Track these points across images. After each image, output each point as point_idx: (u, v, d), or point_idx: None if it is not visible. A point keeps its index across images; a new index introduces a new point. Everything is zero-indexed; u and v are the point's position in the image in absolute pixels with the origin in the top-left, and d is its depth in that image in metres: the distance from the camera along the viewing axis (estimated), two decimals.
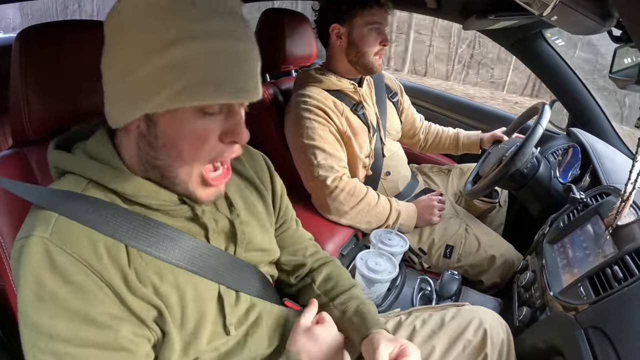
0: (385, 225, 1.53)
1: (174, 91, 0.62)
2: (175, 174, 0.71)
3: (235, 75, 0.65)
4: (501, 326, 1.00)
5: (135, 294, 0.68)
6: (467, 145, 1.97)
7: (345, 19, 1.50)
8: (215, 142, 0.69)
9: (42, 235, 0.64)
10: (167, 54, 0.61)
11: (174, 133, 0.67)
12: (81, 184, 0.72)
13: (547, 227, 1.34)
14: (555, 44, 1.82)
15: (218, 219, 0.84)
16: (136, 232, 0.71)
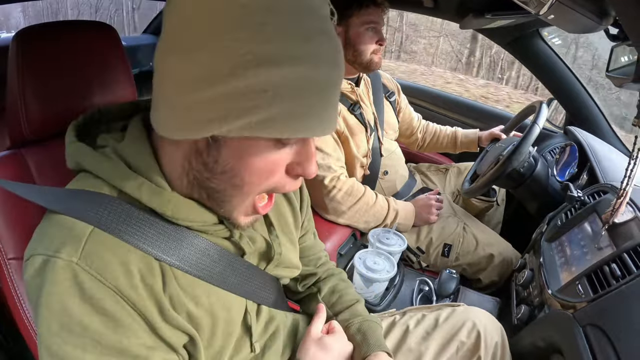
0: (384, 225, 1.53)
1: (257, 119, 0.52)
2: (228, 200, 0.63)
3: (324, 107, 0.56)
4: (495, 328, 0.99)
5: (169, 322, 0.63)
6: (465, 144, 1.97)
7: (341, 18, 1.50)
8: (281, 175, 0.61)
9: (70, 259, 0.55)
10: (261, 74, 0.51)
11: (240, 161, 0.58)
12: (102, 188, 0.62)
13: (545, 225, 1.34)
14: (552, 43, 1.82)
15: (255, 238, 0.78)
16: (171, 245, 0.64)
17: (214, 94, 0.52)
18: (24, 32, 0.86)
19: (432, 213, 1.60)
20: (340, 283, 1.04)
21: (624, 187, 1.00)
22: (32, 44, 0.88)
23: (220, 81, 0.51)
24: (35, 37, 0.89)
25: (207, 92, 0.52)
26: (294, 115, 0.53)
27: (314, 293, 1.03)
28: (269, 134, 0.54)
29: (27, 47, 0.87)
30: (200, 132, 0.55)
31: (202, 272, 0.68)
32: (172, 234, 0.64)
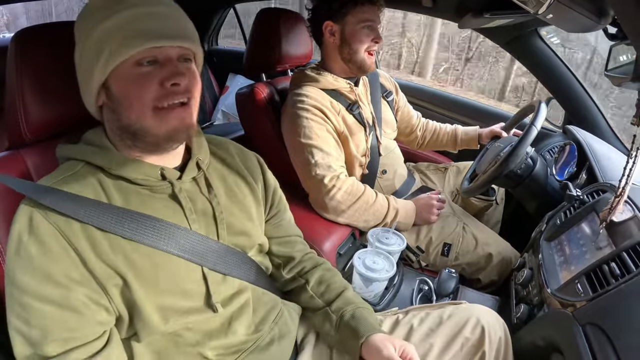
0: (384, 224, 1.53)
1: (108, 53, 0.76)
2: (138, 124, 0.81)
3: (156, 28, 0.77)
4: (498, 324, 1.00)
5: (101, 258, 0.77)
6: (465, 141, 1.97)
7: (338, 16, 1.51)
8: (156, 87, 0.79)
9: (30, 204, 0.76)
10: (99, 29, 0.76)
11: (122, 88, 0.79)
12: (77, 166, 0.84)
13: (544, 224, 1.34)
14: (550, 42, 1.82)
15: (197, 199, 0.91)
16: (114, 221, 0.79)
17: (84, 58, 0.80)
18: (22, 33, 0.87)
19: (433, 213, 1.60)
20: (326, 273, 1.10)
21: (622, 185, 1.00)
22: (31, 45, 0.88)
23: (83, 49, 0.79)
24: (34, 38, 0.89)
25: (82, 61, 0.81)
26: (128, 38, 0.76)
27: (303, 285, 1.07)
28: (123, 56, 0.76)
29: (26, 48, 0.87)
30: (91, 86, 0.80)
31: (139, 237, 0.80)
32: (116, 211, 0.80)
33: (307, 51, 1.85)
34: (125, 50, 0.76)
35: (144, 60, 0.78)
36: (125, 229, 0.79)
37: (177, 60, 0.81)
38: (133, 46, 0.76)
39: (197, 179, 0.93)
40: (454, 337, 0.98)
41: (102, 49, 0.77)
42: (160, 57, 0.79)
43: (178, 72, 0.80)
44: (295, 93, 1.54)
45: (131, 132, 0.82)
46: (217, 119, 3.22)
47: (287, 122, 1.55)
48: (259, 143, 1.69)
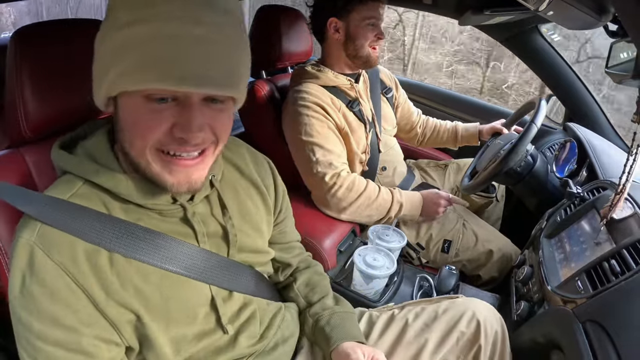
0: (387, 218, 1.53)
1: (114, 74, 0.63)
2: (137, 161, 0.71)
3: (176, 58, 0.61)
4: (495, 318, 1.00)
5: (112, 297, 0.71)
6: (466, 138, 1.97)
7: (342, 13, 1.51)
8: (163, 133, 0.66)
9: (28, 238, 0.68)
10: (120, 33, 0.62)
11: (126, 116, 0.68)
12: (76, 184, 0.74)
13: (545, 221, 1.34)
14: (551, 39, 1.82)
15: (209, 222, 0.84)
16: (121, 238, 0.72)
17: (97, 58, 0.67)
18: (21, 31, 0.86)
19: (439, 211, 1.59)
20: (314, 276, 1.10)
21: (622, 182, 1.00)
22: (30, 43, 0.88)
23: (101, 46, 0.66)
24: (33, 36, 0.89)
25: (95, 58, 0.67)
26: (144, 65, 0.61)
27: (291, 283, 1.09)
28: (131, 85, 0.63)
29: (25, 46, 0.87)
30: (98, 92, 0.69)
31: (148, 257, 0.74)
32: (120, 227, 0.73)
33: (307, 48, 1.84)
34: (129, 83, 0.63)
35: (154, 97, 0.64)
36: (137, 250, 0.73)
37: (202, 102, 0.67)
38: (139, 81, 0.62)
39: (210, 197, 0.86)
40: (449, 332, 0.99)
41: (110, 65, 0.64)
42: (180, 97, 0.65)
43: (192, 129, 0.66)
44: (296, 90, 1.54)
45: (133, 162, 0.72)
46: None
47: (288, 120, 1.55)
48: (259, 140, 1.69)
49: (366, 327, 1.06)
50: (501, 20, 1.63)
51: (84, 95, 0.88)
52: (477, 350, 0.97)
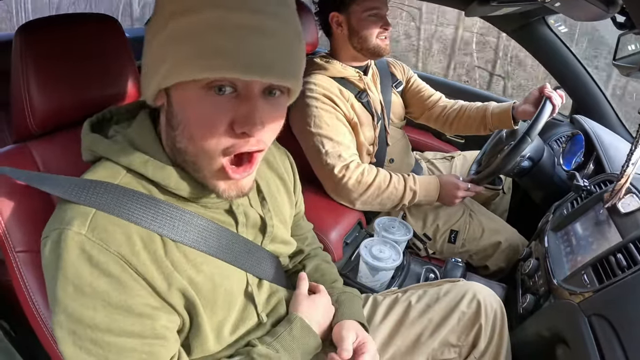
0: (402, 205, 1.52)
1: (170, 64, 0.62)
2: (195, 161, 0.70)
3: (242, 52, 0.60)
4: (494, 298, 1.03)
5: (171, 284, 0.70)
6: (497, 117, 1.66)
7: (343, 6, 1.50)
8: (224, 130, 0.65)
9: (79, 231, 0.64)
10: (176, 22, 0.61)
11: (184, 110, 0.66)
12: (120, 172, 0.71)
13: (551, 214, 1.34)
14: (558, 30, 1.80)
15: (250, 213, 0.85)
16: (172, 224, 0.72)
17: (151, 47, 0.66)
18: (26, 26, 0.86)
19: (458, 196, 1.54)
20: (322, 263, 1.11)
21: (624, 169, 1.00)
22: (35, 37, 0.88)
23: (154, 35, 0.65)
24: (38, 30, 0.89)
25: (149, 47, 0.66)
26: (202, 54, 0.60)
27: (300, 270, 1.08)
28: (188, 73, 0.61)
29: (30, 41, 0.87)
30: (150, 84, 0.67)
31: (200, 245, 0.75)
32: (173, 213, 0.72)
33: (313, 40, 1.84)
34: (187, 71, 0.62)
35: (214, 86, 0.63)
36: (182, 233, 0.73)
37: (262, 94, 0.67)
38: (198, 71, 0.61)
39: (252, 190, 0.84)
40: (451, 312, 1.01)
41: (166, 56, 0.63)
42: (240, 87, 0.65)
43: (255, 120, 0.64)
44: (304, 81, 1.53)
45: (186, 160, 0.71)
46: None
47: (297, 111, 1.55)
48: None
49: (370, 310, 1.09)
50: (508, 12, 1.61)
51: (90, 87, 0.89)
52: (478, 330, 0.99)
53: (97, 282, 0.64)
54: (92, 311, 0.64)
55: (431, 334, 1.01)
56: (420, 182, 1.53)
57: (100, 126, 0.80)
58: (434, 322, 1.01)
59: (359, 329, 0.94)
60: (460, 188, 1.53)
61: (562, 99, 1.46)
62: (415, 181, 1.53)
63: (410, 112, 1.89)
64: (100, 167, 0.72)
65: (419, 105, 1.86)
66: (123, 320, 0.66)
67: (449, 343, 1.00)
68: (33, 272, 0.84)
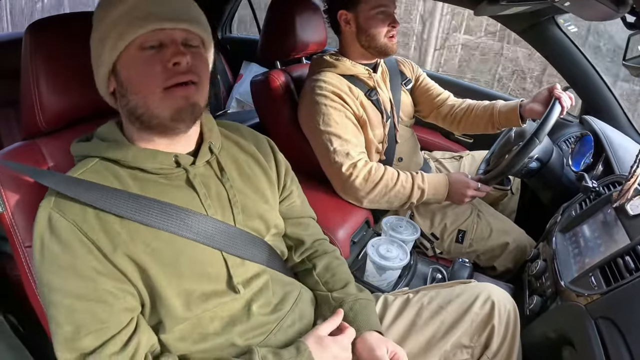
0: (410, 203, 1.51)
1: (114, 38, 0.79)
2: (145, 108, 0.82)
3: (159, 10, 0.79)
4: (507, 299, 1.03)
5: (120, 250, 0.78)
6: (504, 116, 1.65)
7: (350, 4, 1.50)
8: (160, 70, 0.80)
9: (46, 206, 0.78)
10: (108, 17, 0.80)
11: (128, 73, 0.81)
12: (92, 161, 0.85)
13: (559, 215, 1.33)
14: (568, 30, 1.78)
15: (210, 184, 0.91)
16: (133, 208, 0.81)
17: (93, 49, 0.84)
18: (36, 25, 0.87)
19: (465, 200, 1.54)
20: (333, 261, 1.10)
21: (633, 171, 0.99)
22: (45, 36, 0.89)
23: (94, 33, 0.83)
24: (48, 29, 0.90)
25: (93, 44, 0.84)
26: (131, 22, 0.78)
27: (310, 269, 1.10)
28: (127, 39, 0.79)
29: (40, 39, 0.88)
30: (101, 70, 0.83)
31: (159, 224, 0.82)
32: (132, 198, 0.81)
33: (322, 39, 1.83)
34: (127, 35, 0.78)
35: (147, 44, 0.80)
36: (144, 215, 0.81)
37: (181, 44, 0.82)
38: (135, 30, 0.78)
39: (210, 162, 0.94)
40: (464, 314, 1.01)
41: (109, 35, 0.79)
42: (165, 40, 0.81)
43: (179, 52, 0.80)
44: (314, 79, 1.54)
45: (137, 116, 0.83)
46: (231, 107, 3.21)
47: (306, 109, 1.55)
48: (275, 130, 1.69)
49: (381, 310, 1.09)
50: (517, 11, 1.60)
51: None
52: (491, 331, 0.99)
53: (53, 246, 0.75)
54: (49, 273, 0.76)
55: (443, 336, 1.00)
56: (429, 180, 1.52)
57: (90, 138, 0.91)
58: (446, 323, 1.01)
59: (385, 342, 0.95)
60: (470, 187, 1.52)
61: (571, 101, 1.45)
62: (423, 179, 1.52)
63: (419, 111, 1.88)
64: (78, 163, 0.86)
65: (427, 104, 1.86)
66: (69, 282, 0.75)
67: (462, 344, 1.00)
68: None
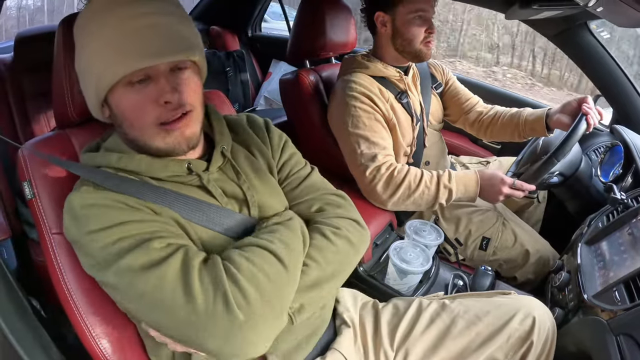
0: (439, 204, 1.48)
1: (97, 76, 0.79)
2: (143, 141, 0.84)
3: (142, 46, 0.77)
4: (548, 316, 1.02)
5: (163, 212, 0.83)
6: (530, 125, 1.63)
7: (388, 6, 1.49)
8: (152, 107, 0.80)
9: (83, 190, 0.81)
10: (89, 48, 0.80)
11: (120, 107, 0.82)
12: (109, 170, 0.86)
13: (586, 227, 1.31)
14: (600, 36, 1.74)
15: (226, 186, 0.93)
16: (160, 198, 0.83)
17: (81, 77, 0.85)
18: (69, 19, 0.90)
19: (499, 198, 1.47)
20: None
21: None
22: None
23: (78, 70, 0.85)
24: None
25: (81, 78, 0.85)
26: (117, 58, 0.77)
27: None
28: (113, 80, 0.78)
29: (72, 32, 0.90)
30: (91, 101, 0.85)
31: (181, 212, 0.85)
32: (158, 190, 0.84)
33: (352, 39, 1.83)
34: (111, 75, 0.78)
35: (134, 80, 0.79)
36: (175, 205, 0.84)
37: (170, 72, 0.82)
38: (117, 70, 0.77)
39: (224, 166, 0.95)
40: (502, 327, 0.99)
41: (92, 71, 0.80)
42: (152, 73, 0.80)
43: (168, 90, 0.80)
44: (345, 79, 1.54)
45: (136, 145, 0.86)
46: (259, 105, 3.24)
47: (336, 109, 1.56)
48: (302, 129, 1.70)
49: (415, 314, 1.07)
50: (549, 16, 1.57)
51: None
52: (528, 348, 0.97)
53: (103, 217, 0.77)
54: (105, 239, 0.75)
55: (477, 348, 0.98)
56: (458, 179, 1.48)
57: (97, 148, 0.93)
58: (481, 336, 0.99)
59: None
60: (506, 183, 1.44)
61: (600, 117, 1.40)
62: (450, 178, 1.48)
63: (448, 115, 1.87)
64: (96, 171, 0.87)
65: (456, 108, 1.84)
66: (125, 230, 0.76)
67: (495, 359, 0.98)
68: (67, 253, 0.88)
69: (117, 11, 0.78)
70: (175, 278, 0.73)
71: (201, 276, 0.74)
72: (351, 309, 1.09)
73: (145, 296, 0.74)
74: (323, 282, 0.89)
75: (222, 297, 0.72)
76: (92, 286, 0.86)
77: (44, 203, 0.90)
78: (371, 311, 1.11)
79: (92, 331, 0.87)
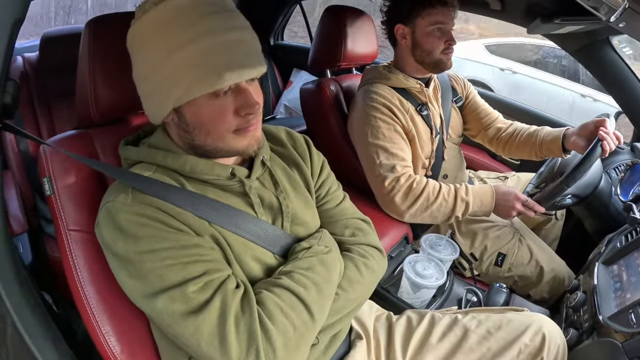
0: (455, 217, 1.48)
1: (184, 88, 0.78)
2: (214, 147, 0.86)
3: (234, 61, 0.78)
4: (559, 334, 1.02)
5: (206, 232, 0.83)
6: (547, 145, 1.63)
7: (408, 19, 1.50)
8: (232, 117, 0.83)
9: (124, 201, 0.79)
10: (171, 62, 0.77)
11: (197, 117, 0.83)
12: (151, 169, 0.86)
13: (603, 246, 1.29)
14: (622, 52, 1.72)
15: (264, 195, 0.94)
16: (196, 205, 0.83)
17: (154, 81, 0.81)
18: (95, 21, 0.91)
19: (512, 214, 1.48)
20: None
21: None
22: (103, 32, 0.93)
23: (154, 72, 0.80)
24: (106, 25, 0.94)
25: (152, 81, 0.81)
26: (208, 74, 0.77)
27: None
28: (200, 92, 0.78)
29: (98, 34, 0.92)
30: (163, 109, 0.83)
31: (220, 221, 0.85)
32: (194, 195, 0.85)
33: (373, 50, 1.84)
34: (203, 88, 0.78)
35: (221, 92, 0.80)
36: (215, 217, 0.84)
37: (247, 84, 0.84)
38: (212, 84, 0.78)
39: (263, 176, 0.96)
40: (512, 343, 0.99)
41: (176, 84, 0.78)
42: (234, 86, 0.82)
43: (252, 103, 0.82)
44: (365, 90, 1.55)
45: (201, 150, 0.87)
46: (279, 113, 3.26)
47: (356, 119, 1.56)
48: (322, 139, 1.70)
49: (427, 327, 1.07)
50: (571, 30, 1.56)
51: None
52: None
53: (144, 229, 0.77)
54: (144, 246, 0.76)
55: None
56: (474, 192, 1.49)
57: (136, 142, 0.95)
58: (492, 350, 1.00)
59: None
60: (520, 199, 1.46)
61: (618, 141, 1.38)
62: (467, 191, 1.48)
63: (467, 129, 1.86)
64: (136, 167, 0.88)
65: (475, 123, 1.84)
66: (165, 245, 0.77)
67: None
68: (82, 250, 0.90)
69: (204, 22, 0.78)
70: (212, 330, 0.75)
71: (237, 326, 0.75)
72: (366, 322, 1.10)
73: (181, 338, 0.76)
74: (347, 308, 0.95)
75: (254, 353, 0.74)
76: (106, 284, 0.87)
77: (63, 200, 0.91)
78: (385, 323, 1.12)
79: (102, 328, 0.88)
